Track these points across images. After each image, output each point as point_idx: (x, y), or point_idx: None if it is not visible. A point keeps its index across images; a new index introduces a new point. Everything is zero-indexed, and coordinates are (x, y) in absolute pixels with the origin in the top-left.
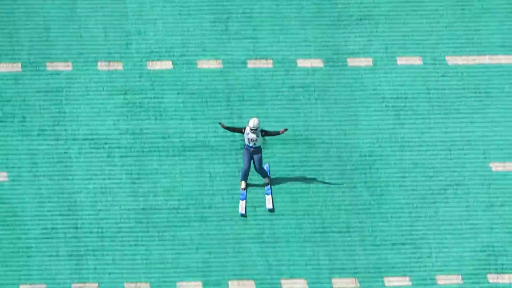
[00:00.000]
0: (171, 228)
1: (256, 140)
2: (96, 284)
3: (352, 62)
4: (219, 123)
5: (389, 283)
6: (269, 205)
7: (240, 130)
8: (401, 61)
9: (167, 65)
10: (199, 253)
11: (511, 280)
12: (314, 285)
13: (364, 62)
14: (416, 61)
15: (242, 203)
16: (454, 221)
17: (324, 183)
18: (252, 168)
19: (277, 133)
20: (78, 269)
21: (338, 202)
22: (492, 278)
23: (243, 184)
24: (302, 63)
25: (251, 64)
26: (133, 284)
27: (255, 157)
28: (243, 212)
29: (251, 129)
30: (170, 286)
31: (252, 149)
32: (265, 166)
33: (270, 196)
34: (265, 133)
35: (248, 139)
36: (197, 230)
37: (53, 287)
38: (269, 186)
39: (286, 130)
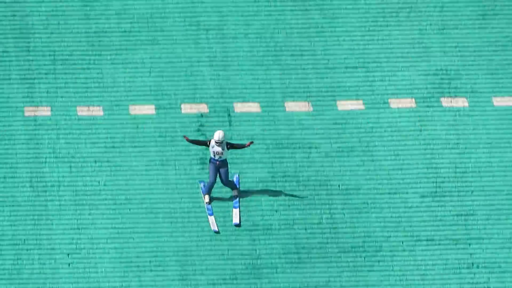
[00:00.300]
0: (123, 51)
1: (222, 153)
2: (49, 108)
3: None
4: (184, 137)
5: (342, 107)
6: (235, 220)
7: (205, 143)
8: None
9: None
10: (151, 76)
11: (465, 104)
12: (267, 108)
13: None
14: None
15: (211, 219)
16: (407, 45)
17: (276, 6)
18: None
19: (242, 146)
20: (30, 92)
21: (290, 26)
22: (445, 101)
23: (206, 198)
24: None
25: None
26: (85, 107)
27: (222, 170)
28: (216, 229)
29: (216, 142)
30: (122, 109)
31: (218, 162)
32: (235, 177)
33: (237, 210)
34: (230, 146)
35: (214, 152)
36: (149, 53)
37: (5, 111)
38: (237, 199)
39: (252, 143)
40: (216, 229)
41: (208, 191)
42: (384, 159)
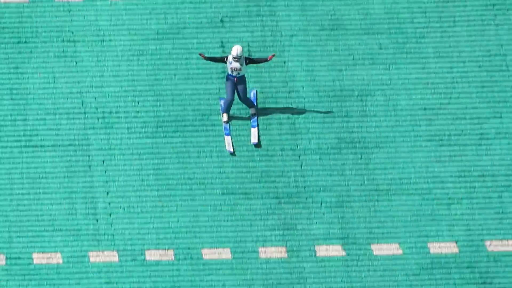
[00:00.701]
0: None
1: (240, 69)
2: None
3: None
4: (200, 54)
5: None
6: (254, 140)
7: (222, 60)
8: None
9: None
10: None
11: None
12: None
13: None
14: None
15: (227, 139)
16: None
17: None
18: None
19: (264, 60)
20: None
21: None
22: None
23: (225, 117)
24: None
25: None
26: None
27: (239, 87)
28: (231, 149)
29: (234, 58)
30: None
31: (235, 79)
32: (252, 93)
33: (256, 129)
34: (249, 61)
35: (231, 68)
36: None
37: None
38: (255, 117)
39: (274, 55)
40: (232, 150)
41: (227, 109)
42: None
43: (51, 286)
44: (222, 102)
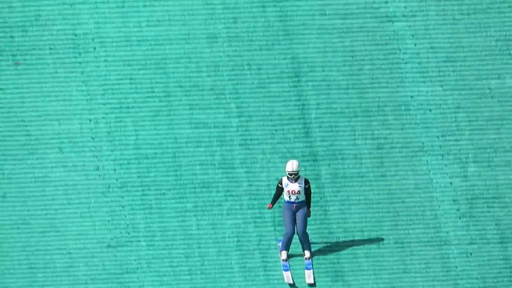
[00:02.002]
0: None
1: (299, 192)
2: None
3: None
4: (269, 208)
5: None
6: (309, 280)
7: (280, 189)
8: None
9: None
10: None
11: None
12: None
13: None
14: None
15: (287, 274)
16: None
17: None
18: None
19: (309, 205)
20: None
21: None
22: None
23: (283, 255)
24: None
25: None
26: None
27: (299, 215)
28: (291, 281)
29: (289, 174)
30: None
31: (294, 205)
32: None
33: (311, 271)
34: (308, 187)
35: (289, 192)
36: None
37: None
38: (310, 260)
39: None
40: (291, 281)
41: (286, 246)
42: None
43: None
44: (280, 244)
